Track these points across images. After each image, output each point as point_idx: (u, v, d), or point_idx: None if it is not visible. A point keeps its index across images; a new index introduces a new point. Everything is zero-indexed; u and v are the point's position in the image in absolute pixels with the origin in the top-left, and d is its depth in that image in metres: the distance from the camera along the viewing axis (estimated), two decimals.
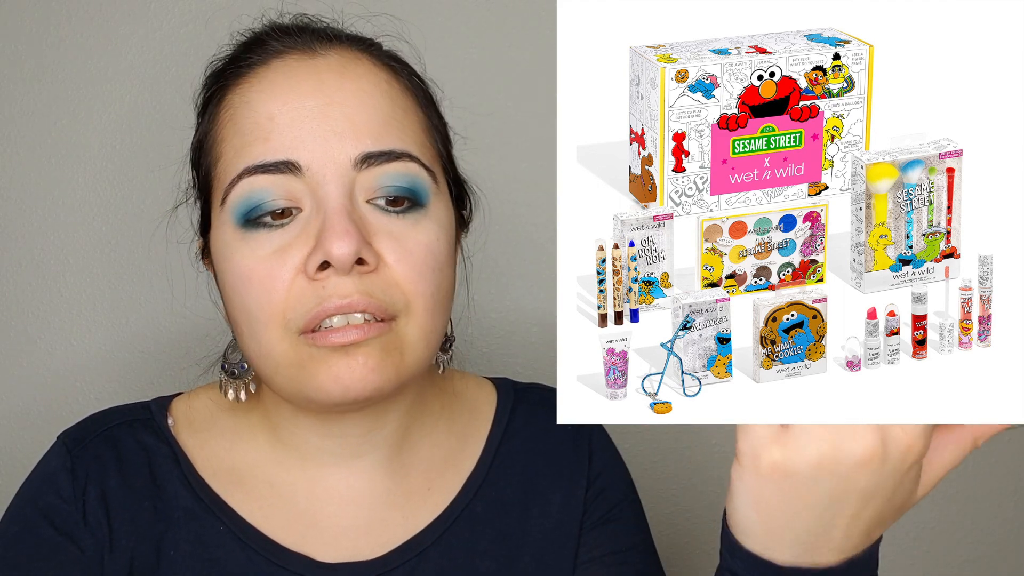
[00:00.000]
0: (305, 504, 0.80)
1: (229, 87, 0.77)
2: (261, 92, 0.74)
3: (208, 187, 0.77)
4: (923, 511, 1.34)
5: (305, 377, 0.72)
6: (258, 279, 0.71)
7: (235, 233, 0.73)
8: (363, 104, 0.74)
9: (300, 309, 0.71)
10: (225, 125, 0.75)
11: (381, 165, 0.73)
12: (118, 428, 0.82)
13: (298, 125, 0.72)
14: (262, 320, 0.72)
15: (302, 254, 0.71)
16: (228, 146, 0.74)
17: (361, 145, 0.72)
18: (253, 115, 0.73)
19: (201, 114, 0.80)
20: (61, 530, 0.78)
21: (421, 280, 0.73)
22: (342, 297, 0.70)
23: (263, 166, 0.72)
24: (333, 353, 0.71)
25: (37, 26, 1.16)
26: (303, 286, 0.71)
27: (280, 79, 0.74)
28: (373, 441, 0.80)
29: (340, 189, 0.71)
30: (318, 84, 0.74)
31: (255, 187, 0.72)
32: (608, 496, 0.86)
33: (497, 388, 0.89)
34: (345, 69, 0.75)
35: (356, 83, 0.75)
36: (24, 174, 1.17)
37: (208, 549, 0.78)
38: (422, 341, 0.74)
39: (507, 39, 1.20)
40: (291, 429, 0.79)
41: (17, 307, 1.18)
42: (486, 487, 0.84)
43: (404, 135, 0.75)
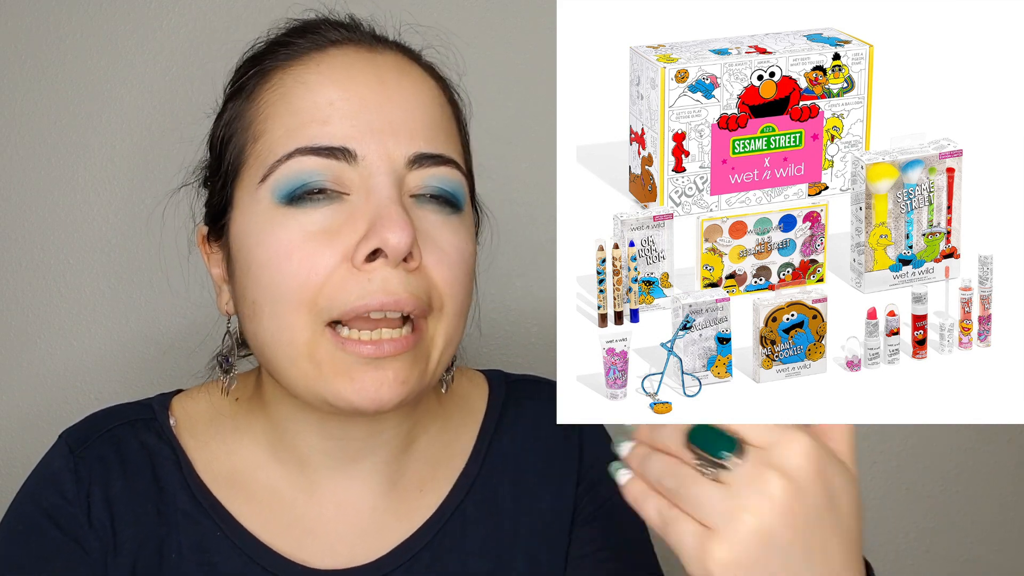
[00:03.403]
0: (303, 510, 0.80)
1: (278, 68, 0.76)
2: (320, 75, 0.73)
3: (239, 165, 0.75)
4: (923, 511, 1.34)
5: (323, 378, 0.70)
6: (299, 258, 0.69)
7: (276, 209, 0.71)
8: (419, 105, 0.74)
9: (339, 298, 0.69)
10: (274, 103, 0.74)
11: (430, 167, 0.73)
12: (121, 428, 0.81)
13: (357, 115, 0.71)
14: (292, 302, 0.70)
15: (351, 241, 0.69)
16: (277, 124, 0.73)
17: (415, 145, 0.72)
18: (311, 96, 0.72)
19: (234, 95, 0.78)
20: (66, 531, 0.77)
21: (456, 283, 0.73)
22: (388, 294, 0.69)
23: (318, 149, 0.71)
24: (361, 363, 0.69)
25: (37, 26, 1.16)
26: (346, 275, 0.69)
27: (340, 66, 0.74)
28: (373, 446, 0.80)
29: (392, 181, 0.71)
30: (378, 78, 0.74)
31: (305, 167, 0.70)
32: (601, 491, 0.86)
33: (489, 382, 0.89)
34: (402, 70, 0.76)
35: (414, 85, 0.75)
36: (24, 174, 1.17)
37: (206, 554, 0.78)
38: (446, 344, 0.74)
39: (507, 39, 1.20)
40: (292, 430, 0.79)
41: (17, 307, 1.18)
42: (477, 486, 0.83)
43: (450, 143, 0.76)
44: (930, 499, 1.34)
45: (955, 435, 1.33)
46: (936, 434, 1.33)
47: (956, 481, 1.34)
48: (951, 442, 1.33)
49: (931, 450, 1.33)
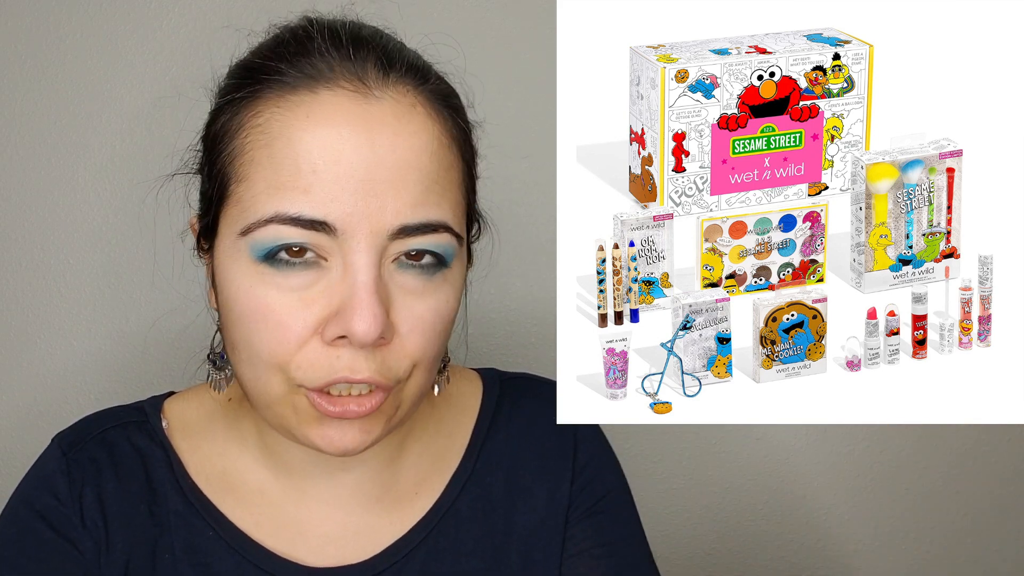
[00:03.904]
0: (293, 511, 0.80)
1: (268, 99, 0.72)
2: (304, 132, 0.70)
3: (223, 194, 0.74)
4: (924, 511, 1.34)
5: (295, 422, 0.72)
6: (273, 323, 0.70)
7: (254, 266, 0.70)
8: (411, 167, 0.71)
9: (310, 372, 0.70)
10: (258, 148, 0.71)
11: (416, 236, 0.72)
12: (113, 431, 0.81)
13: (340, 184, 0.69)
14: (266, 363, 0.71)
15: (323, 315, 0.69)
16: (259, 176, 0.71)
17: (401, 216, 0.70)
18: (293, 155, 0.70)
19: (225, 103, 0.75)
20: (59, 531, 0.77)
21: (429, 347, 0.73)
22: (353, 372, 0.69)
23: (298, 220, 0.70)
24: (327, 418, 0.71)
25: (37, 26, 1.16)
26: (317, 348, 0.70)
27: (328, 121, 0.70)
28: (361, 458, 0.80)
29: (372, 258, 0.69)
30: (368, 141, 0.70)
31: (283, 235, 0.70)
32: (595, 488, 0.86)
33: (483, 380, 0.89)
34: (399, 123, 0.71)
35: (408, 141, 0.71)
36: (24, 174, 1.17)
37: (199, 555, 0.78)
38: (418, 396, 0.75)
39: (507, 39, 1.20)
40: (277, 438, 0.79)
41: (17, 307, 1.18)
42: (471, 484, 0.83)
43: (443, 202, 0.72)
44: (930, 499, 1.34)
45: (955, 435, 1.33)
46: (936, 434, 1.33)
47: (956, 481, 1.34)
48: (951, 442, 1.33)
49: (931, 450, 1.33)
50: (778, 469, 1.30)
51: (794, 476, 1.30)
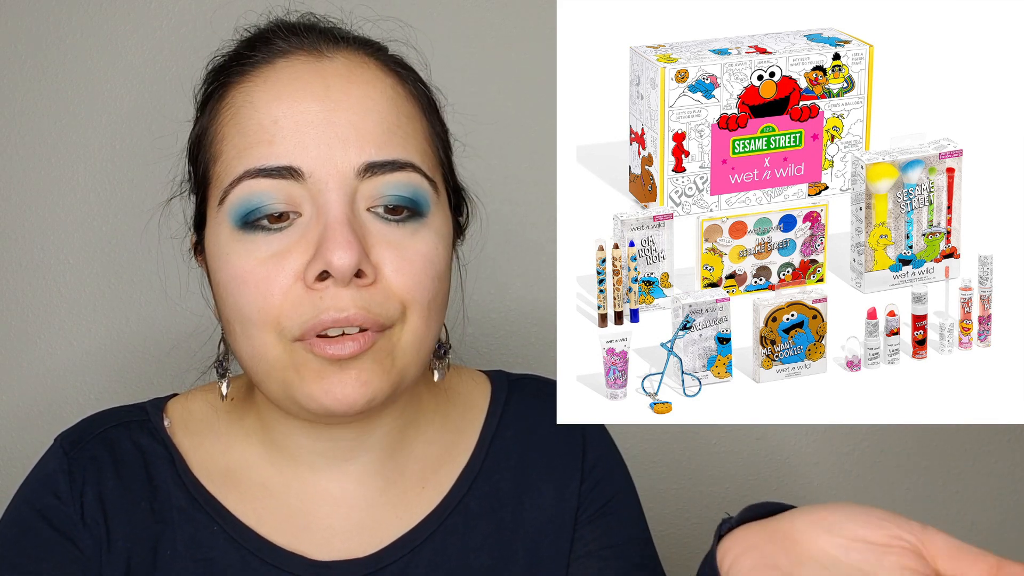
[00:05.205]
0: (298, 505, 0.80)
1: (232, 84, 0.76)
2: (266, 93, 0.74)
3: (205, 184, 0.76)
4: (924, 511, 1.34)
5: (297, 382, 0.72)
6: (254, 282, 0.71)
7: (232, 234, 0.73)
8: (368, 111, 0.73)
9: (296, 318, 0.71)
10: (226, 123, 0.75)
11: (384, 175, 0.72)
12: (114, 430, 0.82)
13: (302, 130, 0.72)
14: (257, 324, 0.72)
15: (301, 260, 0.71)
16: (229, 145, 0.74)
17: (364, 154, 0.72)
18: (257, 116, 0.73)
19: (201, 109, 0.79)
20: (60, 530, 0.78)
21: (418, 289, 0.73)
22: (339, 311, 0.70)
23: (265, 170, 0.71)
24: (328, 365, 0.71)
25: (37, 26, 1.16)
26: (300, 294, 0.71)
27: (285, 80, 0.74)
28: (365, 445, 0.80)
29: (342, 197, 0.71)
30: (324, 89, 0.73)
31: (255, 190, 0.72)
32: (604, 489, 0.86)
33: (491, 381, 0.89)
34: (351, 74, 0.75)
35: (362, 89, 0.74)
36: (24, 174, 1.17)
37: (202, 549, 0.78)
38: (414, 347, 0.75)
39: (507, 40, 1.20)
40: (283, 431, 0.79)
41: (17, 307, 1.18)
42: (480, 481, 0.83)
43: (408, 144, 0.74)
44: (930, 499, 1.34)
45: (955, 435, 1.33)
46: (936, 434, 1.33)
47: (956, 481, 1.34)
48: (951, 442, 1.33)
49: (931, 450, 1.33)
50: (778, 469, 1.30)
51: (794, 476, 1.30)
